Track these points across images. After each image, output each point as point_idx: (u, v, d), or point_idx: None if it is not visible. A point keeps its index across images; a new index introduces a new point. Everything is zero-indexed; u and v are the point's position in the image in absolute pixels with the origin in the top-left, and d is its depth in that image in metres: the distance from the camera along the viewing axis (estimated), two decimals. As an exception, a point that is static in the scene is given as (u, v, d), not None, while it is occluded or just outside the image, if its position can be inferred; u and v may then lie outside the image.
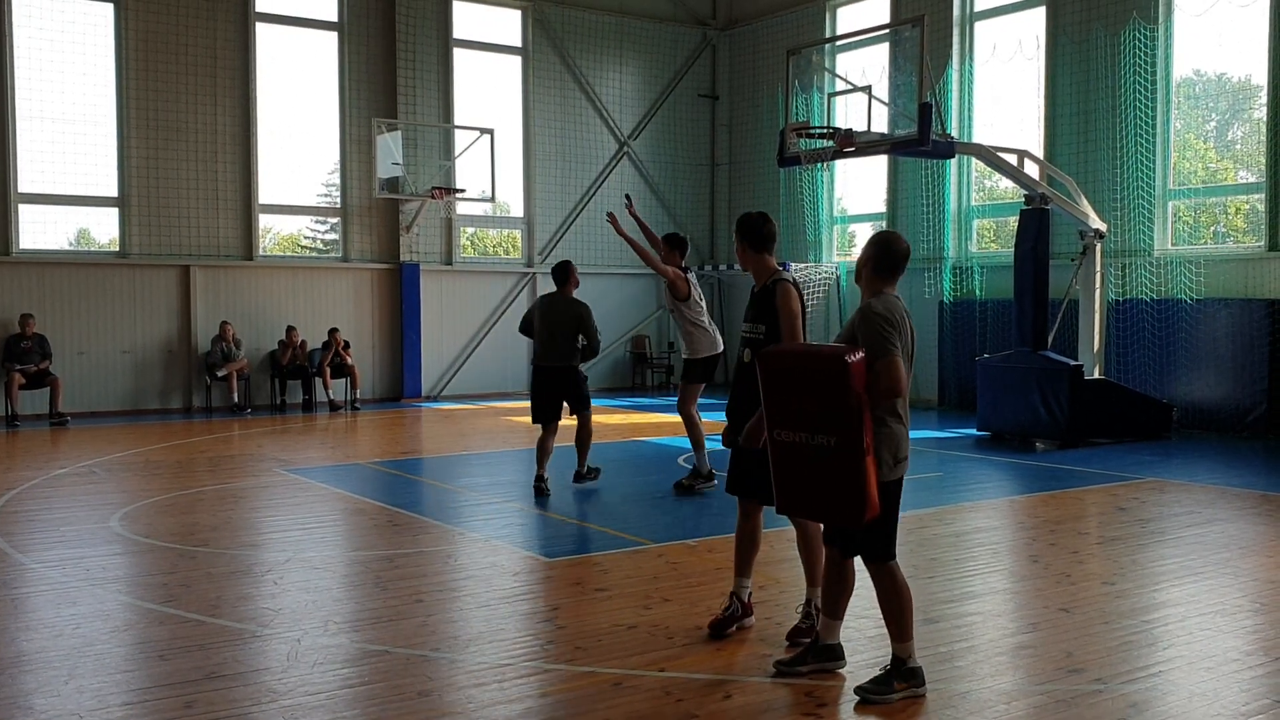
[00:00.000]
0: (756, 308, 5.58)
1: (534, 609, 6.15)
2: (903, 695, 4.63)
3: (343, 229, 18.40)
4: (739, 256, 5.72)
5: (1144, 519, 8.62)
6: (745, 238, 5.62)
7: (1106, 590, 6.47)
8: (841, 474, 4.45)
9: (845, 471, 4.44)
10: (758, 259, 5.60)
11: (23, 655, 5.29)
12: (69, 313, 16.07)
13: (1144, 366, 14.37)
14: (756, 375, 4.84)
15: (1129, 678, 4.93)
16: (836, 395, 4.41)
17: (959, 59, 16.92)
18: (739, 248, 5.68)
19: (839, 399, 4.41)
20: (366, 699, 4.71)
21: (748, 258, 5.65)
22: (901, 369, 4.56)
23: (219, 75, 16.98)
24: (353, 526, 8.65)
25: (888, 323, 4.61)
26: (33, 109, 15.87)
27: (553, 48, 19.89)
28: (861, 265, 4.87)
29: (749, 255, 5.63)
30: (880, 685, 4.64)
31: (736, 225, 5.68)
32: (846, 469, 4.43)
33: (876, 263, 4.81)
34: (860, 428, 4.41)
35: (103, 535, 8.01)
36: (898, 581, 4.73)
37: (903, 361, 4.57)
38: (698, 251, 21.59)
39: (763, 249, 5.58)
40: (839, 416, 4.41)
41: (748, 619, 5.65)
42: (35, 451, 12.58)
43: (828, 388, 4.44)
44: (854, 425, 4.40)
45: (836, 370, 4.42)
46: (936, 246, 17.03)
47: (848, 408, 4.39)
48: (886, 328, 4.60)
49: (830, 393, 4.43)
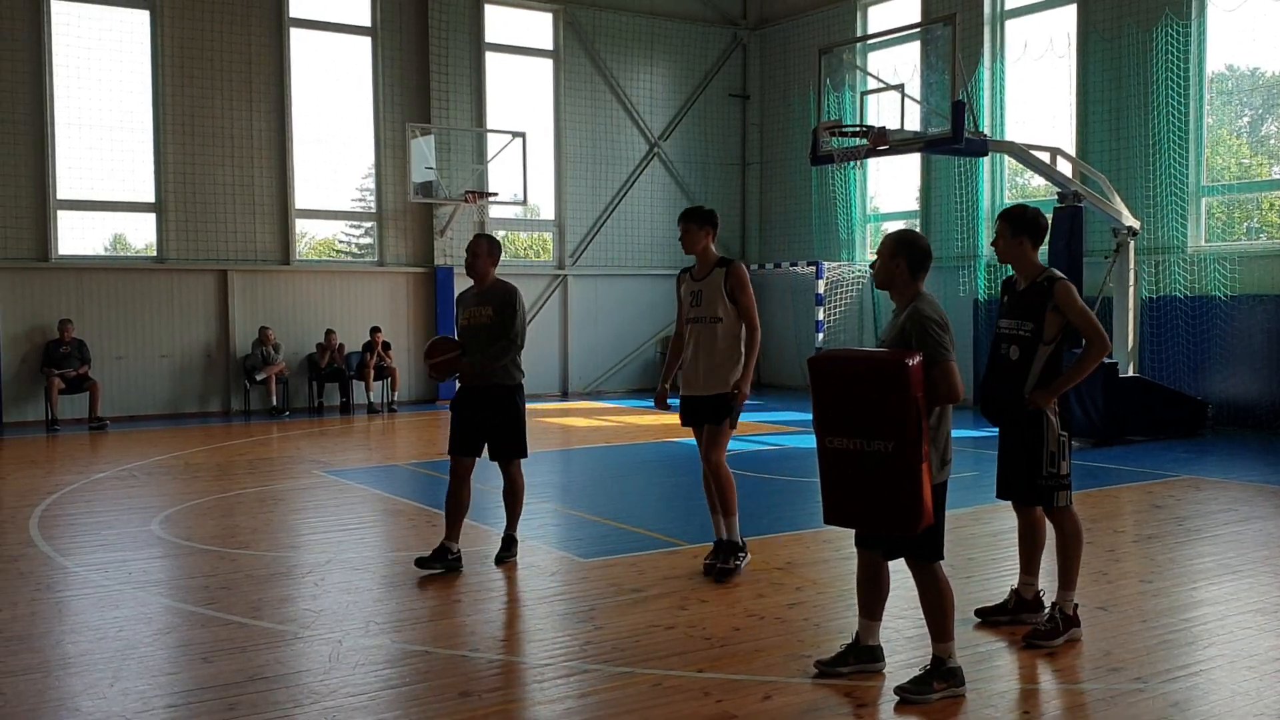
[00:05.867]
0: (1025, 305, 5.44)
1: (571, 609, 6.19)
2: (942, 695, 4.63)
3: (378, 233, 18.53)
4: (1003, 249, 5.53)
5: (1180, 516, 8.56)
6: (1024, 231, 5.47)
7: (1144, 588, 6.44)
8: (897, 482, 4.39)
9: (901, 479, 4.38)
10: (1028, 254, 5.48)
11: (68, 658, 5.38)
12: (107, 318, 16.27)
13: (1178, 363, 14.26)
14: (1010, 374, 5.13)
15: (1169, 676, 4.91)
16: (896, 400, 4.34)
17: (990, 57, 16.84)
18: (1012, 241, 5.48)
19: (899, 404, 4.34)
20: (408, 699, 4.77)
21: (1013, 251, 5.50)
22: (959, 374, 4.59)
23: (254, 81, 17.14)
24: (391, 527, 8.72)
25: (941, 326, 4.63)
26: (71, 116, 16.08)
27: (584, 50, 19.95)
28: (889, 269, 4.80)
29: (1017, 249, 5.48)
30: (920, 685, 4.65)
31: (1009, 218, 5.49)
32: (903, 476, 4.37)
33: (910, 263, 4.78)
34: (919, 433, 4.35)
35: (144, 538, 8.11)
36: (941, 581, 4.74)
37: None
38: (728, 252, 21.59)
39: (1038, 244, 5.49)
40: (898, 422, 4.35)
41: (1074, 629, 5.46)
42: (75, 456, 12.75)
43: (887, 392, 4.37)
44: (912, 430, 4.34)
45: (897, 374, 4.35)
46: (970, 245, 16.96)
47: (907, 413, 4.33)
48: (940, 331, 4.62)
49: (889, 397, 4.36)
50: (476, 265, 7.18)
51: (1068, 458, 5.46)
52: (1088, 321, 5.36)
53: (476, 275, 7.19)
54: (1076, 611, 5.46)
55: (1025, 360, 5.41)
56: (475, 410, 7.09)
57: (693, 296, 6.87)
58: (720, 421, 6.70)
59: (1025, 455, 5.45)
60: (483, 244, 7.24)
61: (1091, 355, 5.34)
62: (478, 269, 7.17)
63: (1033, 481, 5.45)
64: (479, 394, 7.09)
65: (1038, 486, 5.44)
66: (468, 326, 7.13)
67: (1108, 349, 5.43)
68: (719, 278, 6.72)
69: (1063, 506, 5.45)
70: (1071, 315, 5.36)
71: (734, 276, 6.72)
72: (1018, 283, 5.58)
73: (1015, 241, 5.49)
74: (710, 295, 6.75)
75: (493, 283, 7.17)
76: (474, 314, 7.12)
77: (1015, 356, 5.43)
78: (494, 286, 7.15)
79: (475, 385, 7.11)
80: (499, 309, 7.05)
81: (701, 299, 6.80)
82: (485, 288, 7.16)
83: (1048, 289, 5.39)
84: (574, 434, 14.83)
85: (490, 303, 7.07)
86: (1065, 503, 5.46)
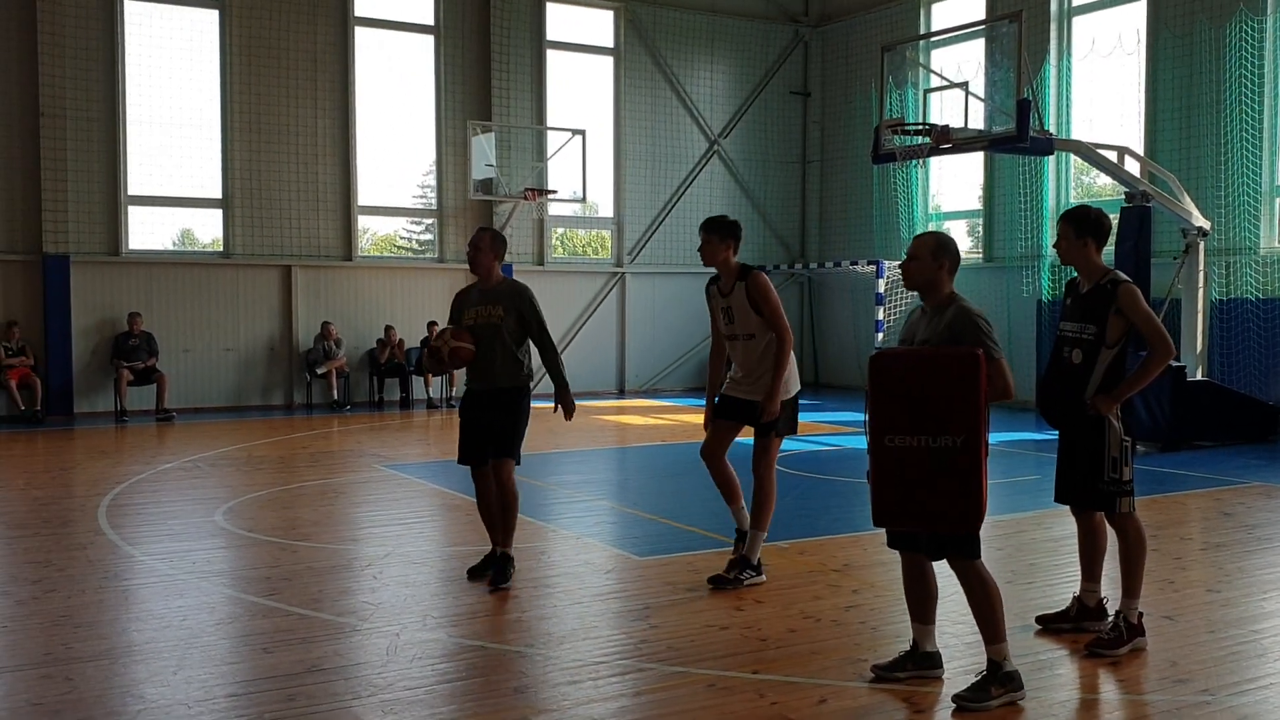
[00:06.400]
0: (1088, 308, 5.35)
1: (626, 607, 6.19)
2: (1001, 701, 4.56)
3: (438, 230, 18.68)
4: (1066, 251, 5.45)
5: (1250, 525, 8.37)
6: (1087, 232, 5.38)
7: (1211, 598, 6.30)
8: (963, 475, 4.40)
9: (969, 473, 4.39)
10: (1092, 256, 5.38)
11: (133, 645, 5.49)
12: (174, 311, 16.57)
13: (1248, 368, 13.94)
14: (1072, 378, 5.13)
15: (1237, 689, 4.80)
16: (965, 393, 4.38)
17: (1056, 54, 16.58)
18: (1075, 242, 5.39)
19: (968, 397, 4.37)
20: (463, 694, 4.80)
21: (1077, 253, 5.41)
22: (1010, 371, 4.66)
23: (319, 78, 17.35)
24: (449, 522, 8.79)
25: (989, 323, 4.71)
26: (142, 114, 16.39)
27: (644, 47, 19.94)
28: (930, 270, 4.81)
29: (1080, 250, 5.39)
30: (978, 692, 4.58)
31: (1073, 220, 5.41)
32: (970, 470, 4.39)
33: (951, 265, 4.84)
34: (986, 426, 4.42)
35: (208, 529, 8.24)
36: (986, 578, 4.69)
37: None
38: (787, 250, 21.49)
39: (1102, 245, 5.40)
40: (966, 415, 4.38)
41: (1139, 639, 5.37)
42: (142, 446, 13.00)
43: (956, 386, 4.39)
44: (979, 425, 4.38)
45: (969, 367, 4.39)
46: (1034, 244, 16.71)
47: (975, 405, 4.37)
48: (990, 328, 4.69)
49: (958, 391, 4.39)
50: (479, 260, 6.73)
51: (1130, 463, 5.35)
52: (1152, 327, 5.26)
53: (480, 270, 6.75)
54: (1141, 620, 5.36)
55: (1088, 364, 5.33)
56: (484, 413, 6.72)
57: (725, 314, 6.63)
58: (767, 434, 6.56)
59: (1087, 460, 5.37)
60: (485, 237, 6.77)
61: (1155, 361, 5.24)
62: (481, 264, 6.73)
63: (1094, 486, 5.35)
64: (489, 397, 6.71)
65: (1099, 492, 5.35)
66: (476, 326, 6.67)
67: (1172, 354, 5.30)
68: (742, 292, 6.50)
69: (1125, 513, 5.35)
70: (1136, 319, 5.26)
71: (755, 288, 6.46)
72: (1081, 285, 5.48)
73: (1079, 243, 5.40)
74: (740, 312, 6.53)
75: (500, 281, 6.76)
76: (481, 313, 6.67)
77: (1077, 360, 5.35)
78: (502, 285, 6.75)
79: (484, 389, 6.73)
80: (513, 310, 6.65)
81: (733, 315, 6.58)
82: (492, 286, 6.73)
83: (1111, 292, 5.29)
84: (630, 432, 14.84)
85: (500, 302, 6.65)
86: (1128, 509, 5.36)
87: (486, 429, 6.68)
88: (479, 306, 6.70)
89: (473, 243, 6.80)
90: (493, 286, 6.73)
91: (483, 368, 6.69)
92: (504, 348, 6.64)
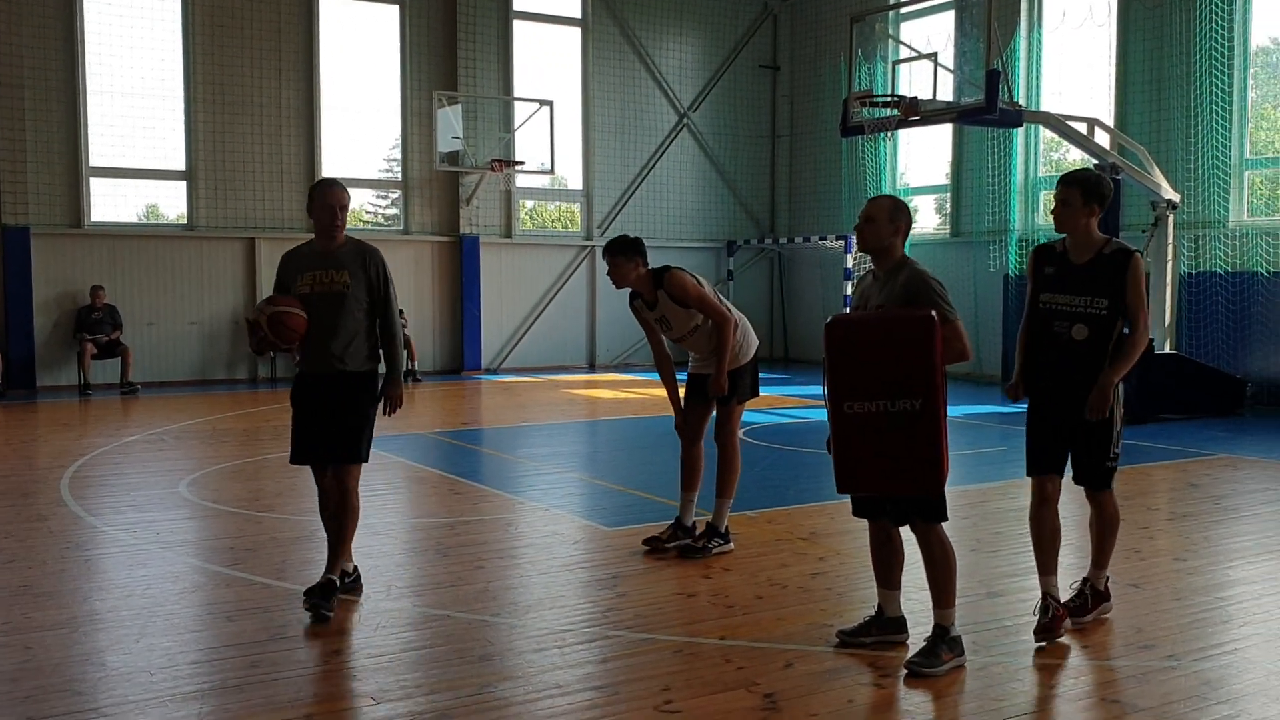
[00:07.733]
0: (1096, 279, 4.95)
1: (594, 577, 6.16)
2: (951, 665, 4.58)
3: (404, 202, 18.51)
4: (1067, 218, 5.01)
5: (1216, 495, 8.43)
6: (1095, 199, 4.99)
7: (1178, 566, 6.33)
8: (924, 438, 4.39)
9: (928, 435, 4.39)
10: (1094, 224, 5.03)
11: (95, 614, 5.40)
12: (138, 284, 16.35)
13: (1217, 341, 14.04)
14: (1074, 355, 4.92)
15: (1202, 655, 4.82)
16: (922, 356, 4.36)
17: (1027, 26, 16.55)
18: (1083, 209, 4.98)
19: (925, 359, 4.36)
20: (429, 661, 4.75)
21: (1080, 220, 4.99)
22: (966, 333, 4.65)
23: (283, 49, 17.11)
24: (414, 494, 8.72)
25: (942, 285, 4.69)
26: (103, 84, 16.11)
27: (612, 19, 19.79)
28: (887, 233, 4.74)
29: (1086, 217, 4.99)
30: (929, 657, 4.59)
31: (1081, 184, 4.99)
32: (929, 432, 4.38)
33: (906, 228, 4.80)
34: (942, 388, 4.41)
35: (171, 500, 8.15)
36: (947, 544, 4.71)
37: None
38: (757, 225, 21.45)
39: (1104, 211, 5.06)
40: (924, 378, 4.37)
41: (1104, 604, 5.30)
42: (106, 419, 12.83)
43: (913, 349, 4.38)
44: (936, 386, 4.37)
45: (925, 329, 4.37)
46: (1002, 219, 16.74)
47: (933, 367, 4.36)
48: (944, 290, 4.67)
49: (915, 354, 4.37)
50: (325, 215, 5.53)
51: None
52: (1143, 305, 5.00)
53: (322, 228, 5.56)
54: (1108, 586, 5.35)
55: (1097, 339, 4.95)
56: (323, 405, 5.51)
57: (661, 324, 6.53)
58: (728, 402, 6.53)
59: (1097, 439, 5.06)
60: (335, 190, 5.56)
61: (1139, 341, 4.97)
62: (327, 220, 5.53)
63: (1101, 465, 5.12)
64: (330, 384, 5.52)
65: (1106, 470, 5.13)
66: (313, 295, 5.46)
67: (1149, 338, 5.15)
68: (666, 298, 6.39)
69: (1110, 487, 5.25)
70: (1132, 294, 4.95)
71: (673, 288, 6.35)
72: (1073, 254, 5.04)
73: (1086, 210, 5.00)
74: (675, 316, 6.42)
75: (345, 241, 5.58)
76: (321, 278, 5.47)
77: (1081, 336, 4.95)
78: (348, 246, 5.57)
79: (323, 373, 5.54)
80: (363, 275, 5.49)
81: (670, 322, 6.48)
82: (336, 246, 5.54)
83: (1124, 262, 4.92)
84: (601, 405, 14.80)
85: (346, 266, 5.48)
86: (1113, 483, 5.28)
87: (326, 425, 5.49)
88: (318, 270, 5.50)
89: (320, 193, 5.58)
90: (337, 248, 5.55)
91: (319, 348, 5.49)
92: (352, 322, 5.47)
